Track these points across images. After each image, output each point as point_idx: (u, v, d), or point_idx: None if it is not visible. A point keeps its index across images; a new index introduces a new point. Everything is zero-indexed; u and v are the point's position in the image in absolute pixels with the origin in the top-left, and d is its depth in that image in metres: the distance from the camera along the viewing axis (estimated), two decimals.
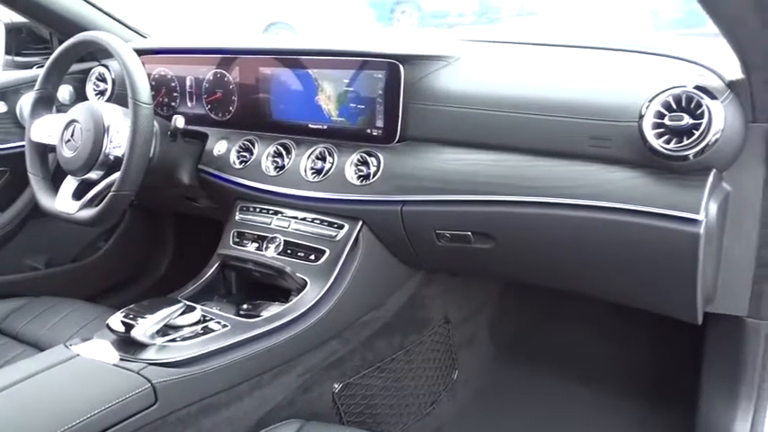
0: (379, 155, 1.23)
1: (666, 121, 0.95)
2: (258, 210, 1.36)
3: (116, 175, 1.25)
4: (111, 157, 1.31)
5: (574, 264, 1.10)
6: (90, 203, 1.31)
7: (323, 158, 1.30)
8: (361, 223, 1.24)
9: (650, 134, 0.96)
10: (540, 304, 1.55)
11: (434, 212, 1.18)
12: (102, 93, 1.65)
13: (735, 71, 0.98)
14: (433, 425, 1.46)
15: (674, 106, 0.96)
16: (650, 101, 0.97)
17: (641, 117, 0.98)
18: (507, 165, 1.11)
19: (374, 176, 1.22)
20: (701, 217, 0.93)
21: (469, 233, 1.17)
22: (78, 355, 1.01)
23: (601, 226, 1.02)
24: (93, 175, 1.32)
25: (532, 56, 1.26)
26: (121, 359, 1.00)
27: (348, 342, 1.27)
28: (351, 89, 1.28)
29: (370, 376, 1.33)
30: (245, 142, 1.40)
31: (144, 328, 1.02)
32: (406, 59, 1.21)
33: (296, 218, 1.31)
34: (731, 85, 0.98)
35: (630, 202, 0.99)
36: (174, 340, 1.06)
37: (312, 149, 1.31)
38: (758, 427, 1.08)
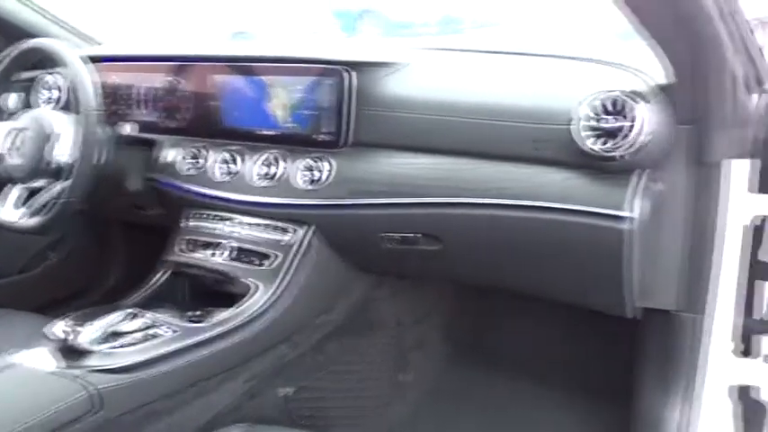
0: (331, 160, 1.25)
1: (597, 123, 1.00)
2: (208, 216, 1.36)
3: (62, 183, 1.24)
4: (57, 165, 1.30)
5: (517, 263, 1.14)
6: (35, 212, 1.29)
7: (274, 164, 1.31)
8: (311, 228, 1.26)
9: (582, 136, 1.01)
10: (494, 304, 1.57)
11: (384, 216, 1.20)
12: (51, 100, 1.64)
13: (665, 75, 1.02)
14: (386, 427, 1.47)
15: (605, 109, 1.00)
16: (583, 104, 1.01)
17: (574, 120, 1.01)
18: (453, 168, 1.15)
19: (325, 181, 1.24)
20: (626, 214, 0.98)
21: (418, 235, 1.19)
22: (17, 364, 0.99)
23: (539, 225, 1.06)
24: (39, 182, 1.31)
25: (478, 63, 1.30)
26: (62, 367, 0.99)
27: (298, 346, 1.27)
28: (302, 96, 1.29)
29: (321, 379, 1.34)
30: (197, 149, 1.40)
31: (86, 335, 1.02)
32: (356, 66, 1.24)
33: (246, 223, 1.31)
34: (661, 89, 1.02)
35: (565, 201, 1.03)
36: (120, 347, 1.05)
37: (263, 155, 1.32)
38: (688, 419, 1.11)
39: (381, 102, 1.22)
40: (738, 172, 1.04)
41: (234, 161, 1.35)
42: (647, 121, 0.98)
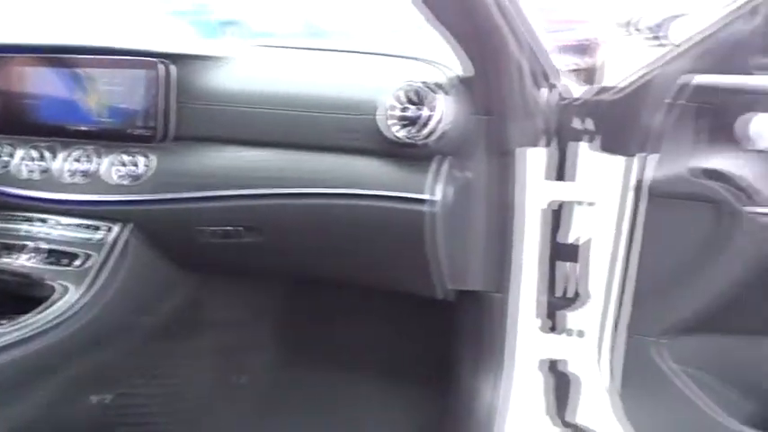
0: (149, 155, 1.22)
1: (399, 112, 1.06)
2: (14, 217, 1.27)
3: None
4: None
5: (334, 252, 1.17)
6: None
7: (87, 160, 1.25)
8: (128, 225, 1.21)
9: (387, 124, 1.06)
10: (327, 301, 1.59)
11: (205, 209, 1.18)
12: None
13: (464, 69, 1.09)
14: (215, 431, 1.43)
15: (409, 99, 1.06)
16: (387, 95, 1.07)
17: (380, 109, 1.07)
18: (272, 159, 1.17)
19: (143, 177, 1.21)
20: (427, 197, 1.04)
21: (239, 229, 1.19)
22: None
23: (351, 212, 1.10)
24: None
25: (298, 58, 1.32)
26: None
27: (115, 350, 1.22)
28: (120, 89, 1.25)
29: (144, 385, 1.29)
30: (2, 146, 1.31)
31: None
32: (175, 58, 1.22)
33: (57, 223, 1.24)
34: (461, 81, 1.10)
35: (373, 187, 1.08)
36: None
37: (76, 151, 1.26)
38: (501, 395, 1.19)
39: (204, 95, 1.22)
40: (534, 160, 1.13)
41: (43, 158, 1.27)
42: (446, 111, 1.05)
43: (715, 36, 0.98)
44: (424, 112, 1.04)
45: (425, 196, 1.04)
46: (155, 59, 1.21)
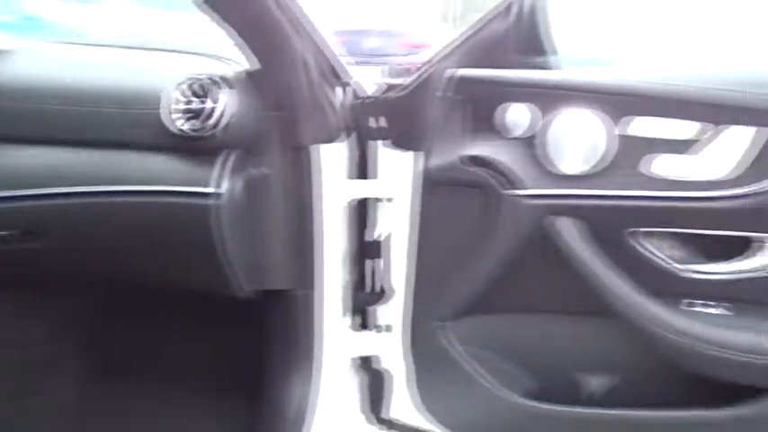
0: None
1: (183, 105, 1.04)
2: None
3: None
4: None
5: (121, 252, 1.12)
6: None
7: None
8: None
9: (171, 118, 1.04)
10: (136, 311, 1.51)
11: None
12: None
13: (250, 63, 1.09)
14: None
15: (193, 92, 1.04)
16: (171, 88, 1.05)
17: (164, 103, 1.04)
18: (53, 158, 1.09)
19: None
20: (212, 190, 1.02)
21: (14, 233, 1.10)
22: None
23: (135, 210, 1.06)
24: None
25: (81, 54, 1.27)
26: None
27: None
28: None
29: None
30: None
31: None
32: None
33: None
34: (249, 76, 1.09)
35: (158, 183, 1.04)
36: None
37: None
38: (310, 395, 1.18)
39: None
40: (333, 158, 1.14)
41: None
42: (230, 103, 1.04)
43: (478, 33, 1.06)
44: (208, 105, 1.03)
45: (210, 190, 1.02)
46: None
